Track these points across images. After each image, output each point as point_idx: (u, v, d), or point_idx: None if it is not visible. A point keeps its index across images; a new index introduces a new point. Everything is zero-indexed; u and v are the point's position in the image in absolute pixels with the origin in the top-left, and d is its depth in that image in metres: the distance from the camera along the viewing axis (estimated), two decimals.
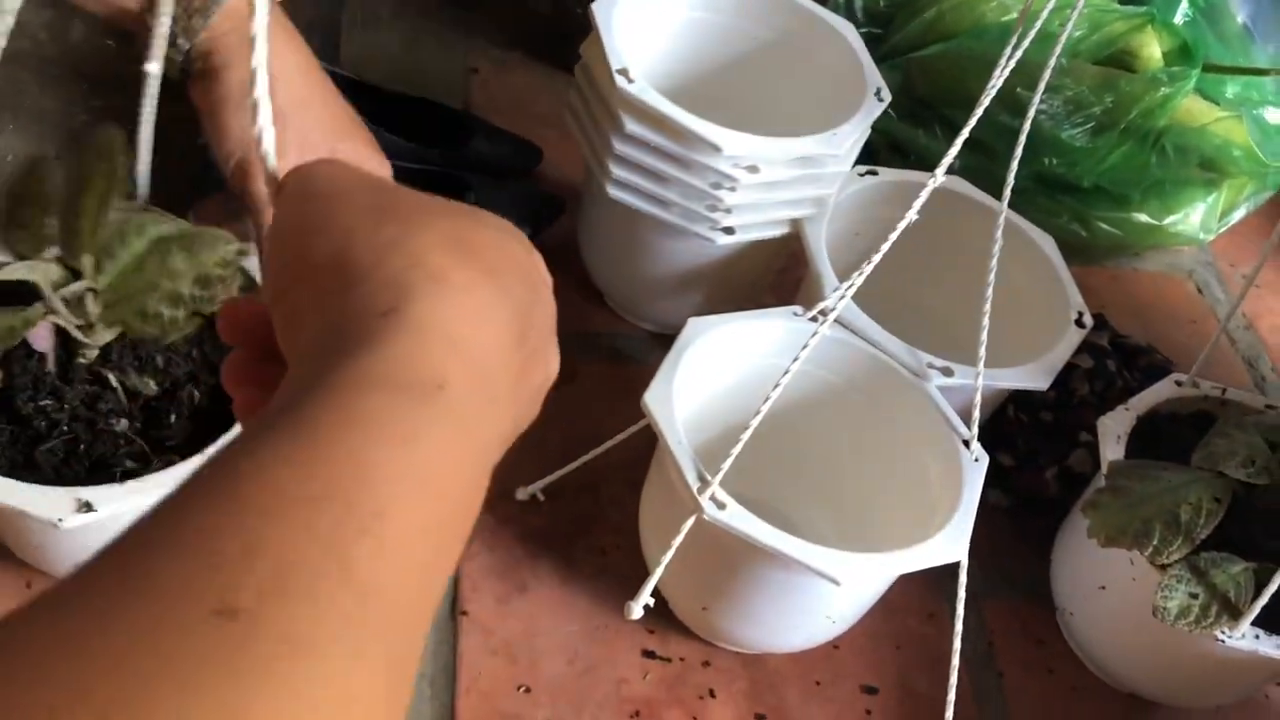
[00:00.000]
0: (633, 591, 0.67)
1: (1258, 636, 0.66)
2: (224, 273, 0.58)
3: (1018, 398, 0.84)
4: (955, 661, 0.68)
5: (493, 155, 0.94)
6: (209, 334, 0.63)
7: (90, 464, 0.59)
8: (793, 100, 0.85)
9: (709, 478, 0.62)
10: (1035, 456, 0.83)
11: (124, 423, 0.60)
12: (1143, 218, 1.04)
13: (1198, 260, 1.13)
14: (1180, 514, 0.67)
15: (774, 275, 0.90)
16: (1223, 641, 0.65)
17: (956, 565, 0.68)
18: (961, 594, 0.68)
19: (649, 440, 0.74)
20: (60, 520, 0.54)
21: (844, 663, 0.75)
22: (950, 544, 0.64)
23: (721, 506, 0.61)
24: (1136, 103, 1.00)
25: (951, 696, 0.68)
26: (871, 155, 0.88)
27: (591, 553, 0.76)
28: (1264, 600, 0.65)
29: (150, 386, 0.61)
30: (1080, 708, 0.76)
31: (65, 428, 0.58)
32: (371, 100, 0.92)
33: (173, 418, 0.61)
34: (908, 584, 0.77)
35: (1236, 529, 0.68)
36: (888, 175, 0.85)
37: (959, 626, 0.68)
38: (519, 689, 0.69)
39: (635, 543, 0.75)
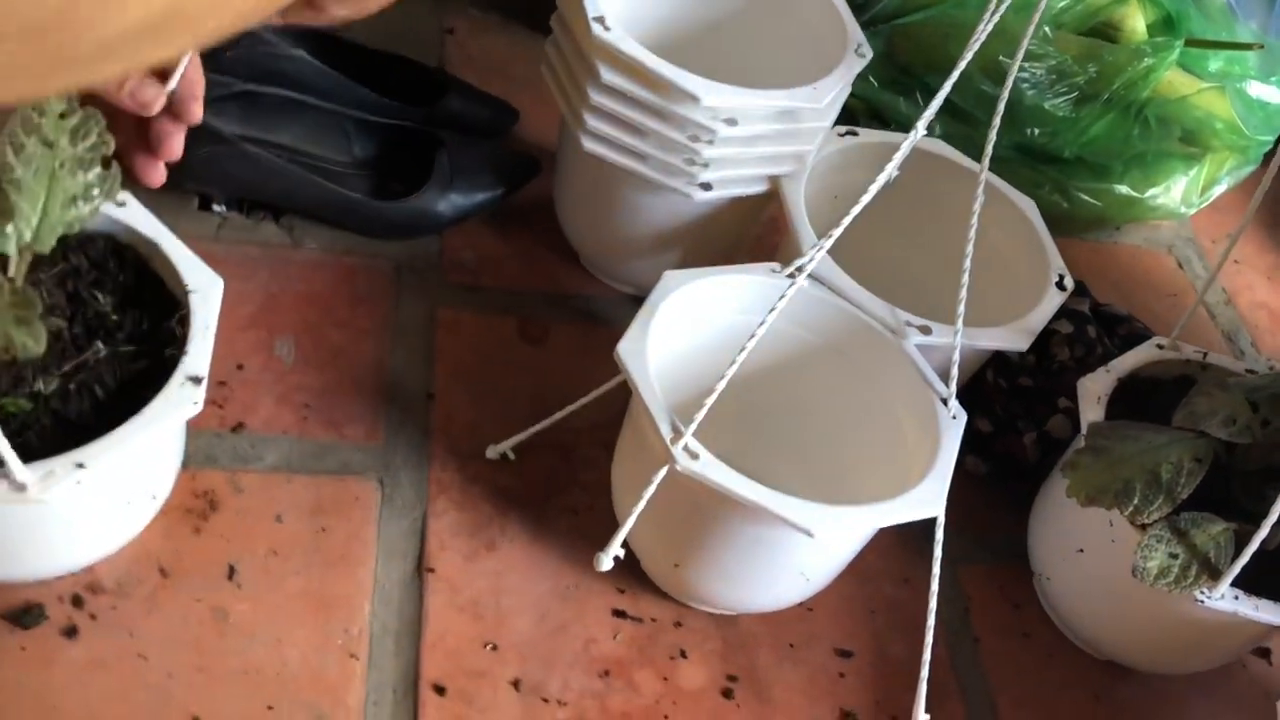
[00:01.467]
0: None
1: (1237, 597, 0.65)
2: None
3: (996, 363, 0.83)
4: (931, 622, 0.67)
5: (467, 114, 0.92)
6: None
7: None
8: (773, 56, 0.84)
9: (682, 428, 0.60)
10: (1014, 422, 0.82)
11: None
12: (1124, 190, 1.04)
13: (1178, 235, 1.12)
14: (1161, 473, 0.66)
15: (752, 240, 0.89)
16: (1202, 602, 0.64)
17: (931, 529, 0.67)
18: (938, 551, 0.66)
19: (622, 401, 0.73)
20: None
21: (818, 625, 0.73)
22: (928, 499, 0.63)
23: (695, 457, 0.60)
24: (1120, 74, 0.99)
25: (927, 657, 0.66)
26: (852, 121, 0.87)
27: (563, 512, 0.75)
28: (1244, 560, 0.64)
29: (22, 405, 0.57)
30: (1057, 674, 0.76)
31: None
32: (346, 56, 0.90)
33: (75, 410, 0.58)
34: (882, 548, 0.76)
35: (1217, 489, 0.67)
36: (868, 136, 0.84)
37: (935, 586, 0.67)
38: (486, 646, 0.67)
39: (608, 503, 0.74)
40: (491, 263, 0.89)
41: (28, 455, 0.52)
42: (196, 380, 0.57)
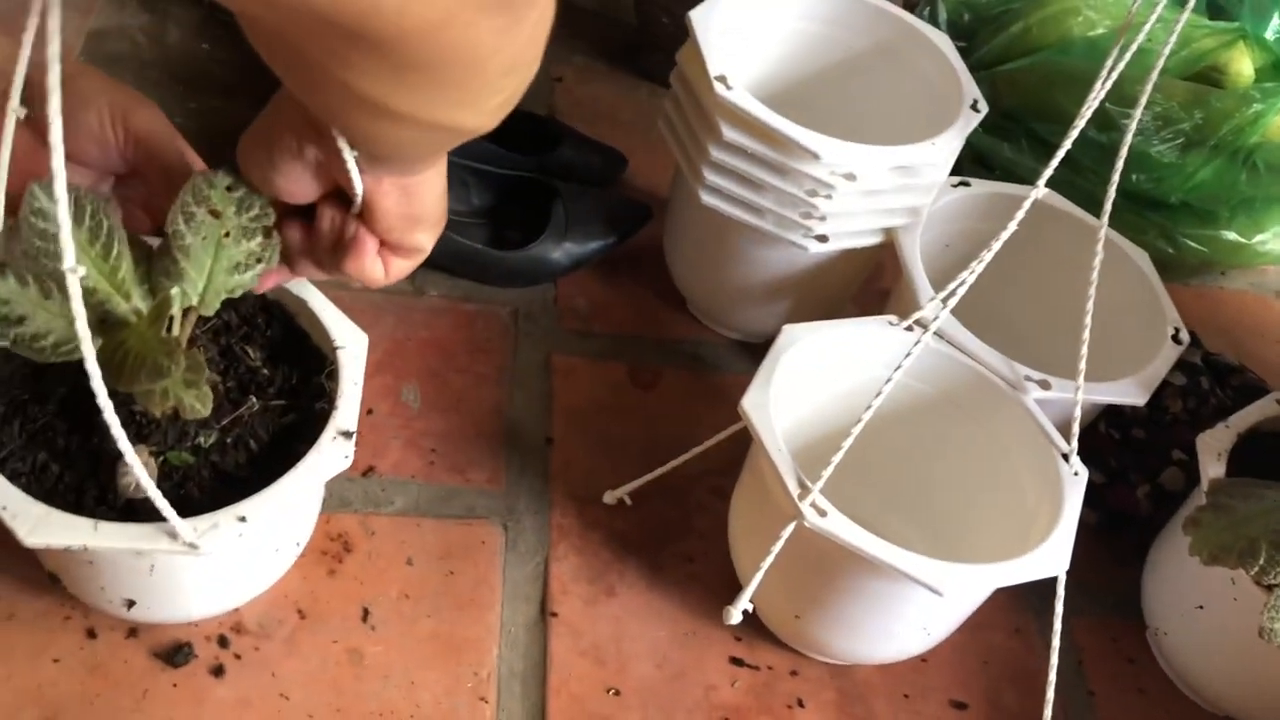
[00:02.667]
0: (720, 599, 0.66)
1: None
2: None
3: (1109, 414, 0.83)
4: (1052, 678, 0.67)
5: (579, 162, 0.94)
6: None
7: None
8: (888, 111, 0.85)
9: (809, 485, 0.61)
10: (1126, 473, 0.82)
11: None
12: (1231, 235, 1.03)
13: None
14: None
15: (859, 286, 0.90)
16: None
17: (1042, 580, 0.67)
18: (1059, 608, 0.67)
19: (734, 447, 0.75)
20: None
21: (932, 676, 0.74)
22: (1052, 557, 0.63)
23: (823, 514, 0.61)
24: (1227, 119, 0.99)
25: (1048, 712, 0.67)
26: (955, 168, 0.88)
27: (678, 559, 0.76)
28: None
29: (185, 458, 0.59)
30: None
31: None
32: None
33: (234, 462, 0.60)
34: (993, 599, 0.76)
35: None
36: (980, 187, 0.84)
37: (1056, 642, 0.67)
38: (608, 691, 0.69)
39: (721, 549, 0.75)
40: (603, 309, 0.91)
41: (188, 506, 0.55)
42: (347, 435, 0.59)
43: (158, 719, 0.62)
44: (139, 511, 0.56)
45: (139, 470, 0.51)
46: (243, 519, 0.55)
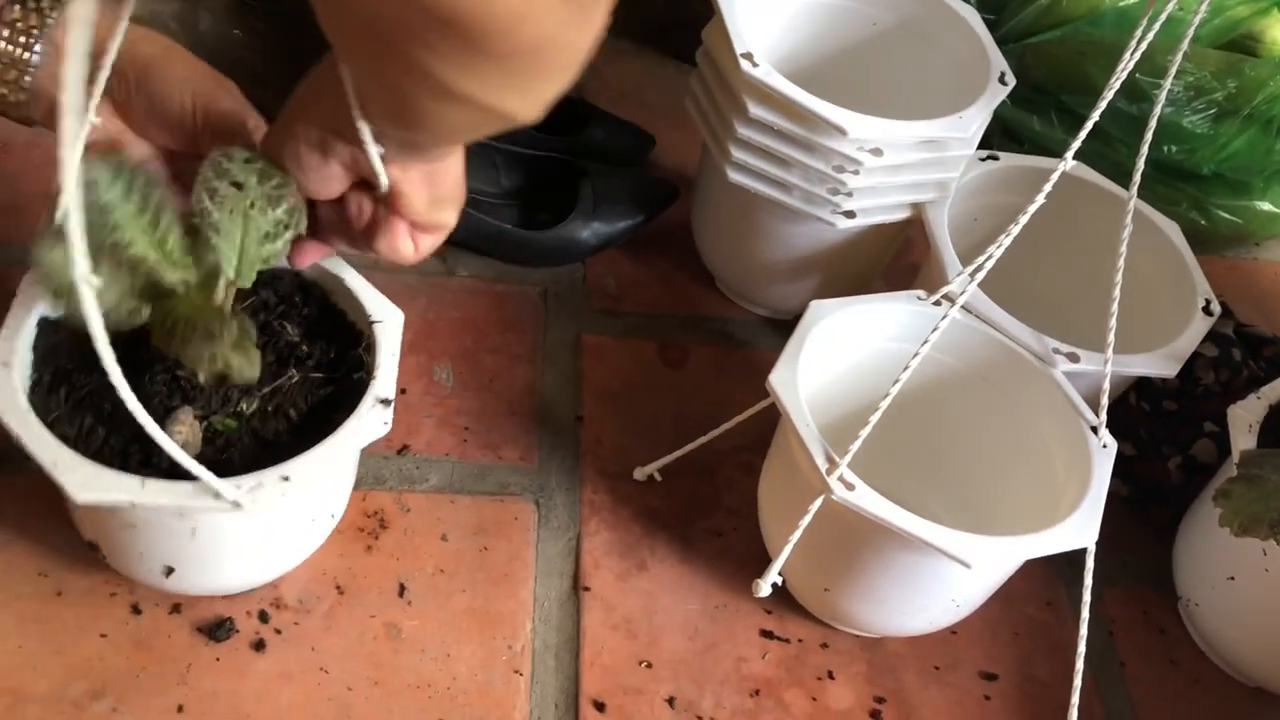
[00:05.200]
0: (750, 573, 0.67)
1: None
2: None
3: (1140, 386, 0.83)
4: (1081, 649, 0.67)
5: (608, 142, 0.95)
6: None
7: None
8: (915, 86, 0.85)
9: (837, 459, 0.62)
10: (1158, 445, 0.82)
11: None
12: (1265, 206, 1.02)
13: None
14: None
15: (888, 261, 0.90)
16: None
17: (1074, 552, 0.67)
18: (1088, 580, 0.67)
19: (763, 423, 0.75)
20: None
21: (962, 648, 0.74)
22: (1081, 529, 0.63)
23: (850, 488, 0.61)
24: (1261, 88, 0.98)
25: (1077, 684, 0.67)
26: (984, 142, 0.88)
27: (709, 533, 0.77)
28: None
29: (229, 424, 0.61)
30: (1205, 700, 0.75)
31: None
32: None
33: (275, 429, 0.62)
34: (1025, 570, 0.76)
35: None
36: (1009, 160, 0.84)
37: (1085, 614, 0.67)
38: (641, 664, 0.70)
39: (751, 524, 0.76)
40: (632, 287, 0.91)
41: (230, 470, 0.56)
42: (386, 402, 0.61)
43: (202, 692, 0.63)
44: (183, 475, 0.57)
45: (162, 440, 0.52)
46: (286, 479, 0.56)
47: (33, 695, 0.62)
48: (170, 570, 0.62)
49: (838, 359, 0.72)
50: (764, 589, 0.63)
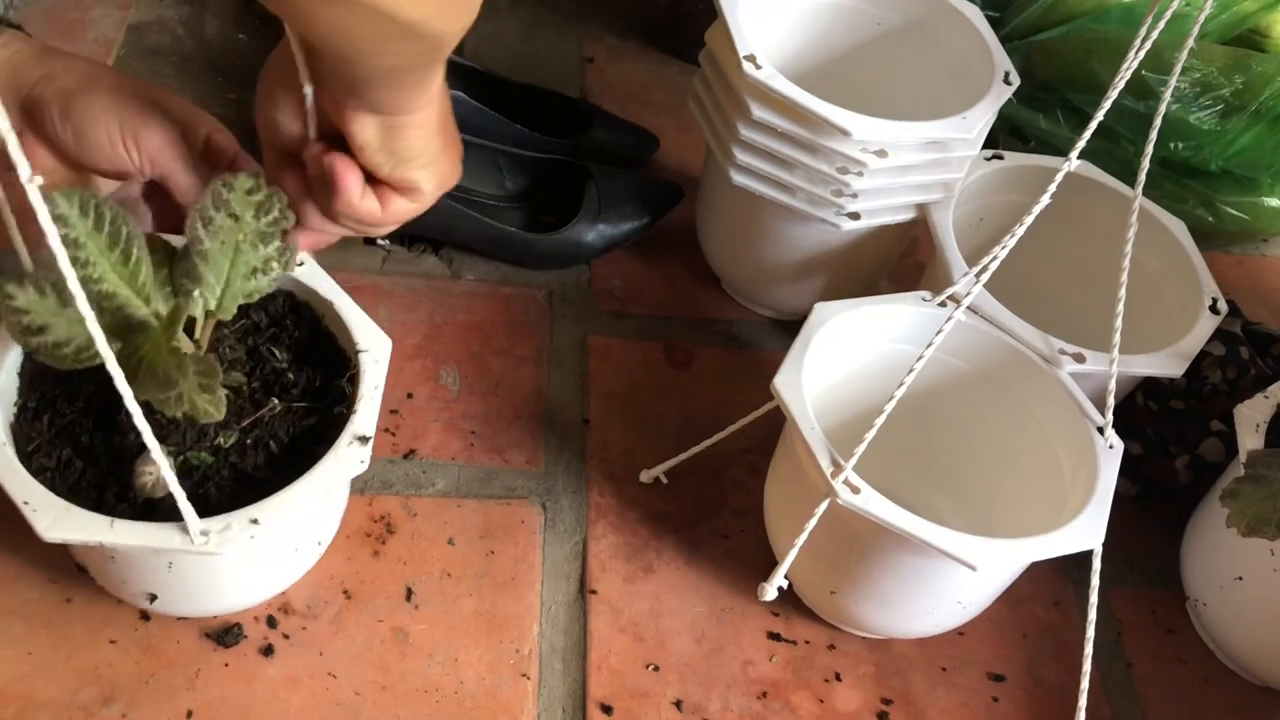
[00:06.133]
0: (757, 575, 0.67)
1: None
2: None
3: (1147, 385, 0.83)
4: (1088, 650, 0.67)
5: (612, 143, 0.95)
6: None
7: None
8: (919, 86, 0.85)
9: (842, 462, 0.62)
10: (1165, 445, 0.82)
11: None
12: (1272, 202, 1.02)
13: None
14: None
15: (894, 262, 0.90)
16: None
17: (1082, 553, 0.67)
18: (1095, 581, 0.67)
19: (769, 425, 0.75)
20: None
21: (970, 649, 0.74)
22: (1087, 531, 0.63)
23: (856, 491, 0.61)
24: (1268, 84, 0.97)
25: (1085, 685, 0.67)
26: (990, 138, 0.87)
27: (715, 536, 0.77)
28: None
29: (205, 458, 0.60)
30: (1213, 699, 0.75)
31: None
32: (495, 91, 0.94)
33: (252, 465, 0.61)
34: (1032, 572, 0.76)
35: None
36: (1013, 160, 0.84)
37: (1093, 615, 0.67)
38: (648, 667, 0.70)
39: (757, 526, 0.76)
40: (637, 289, 0.91)
41: (207, 507, 0.56)
42: (364, 440, 0.59)
43: (210, 697, 0.64)
44: (157, 510, 0.57)
45: (164, 467, 0.52)
46: (255, 521, 0.55)
47: (42, 700, 0.62)
48: (153, 597, 0.62)
49: (843, 361, 0.72)
50: (770, 593, 0.63)
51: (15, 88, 0.55)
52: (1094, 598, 0.67)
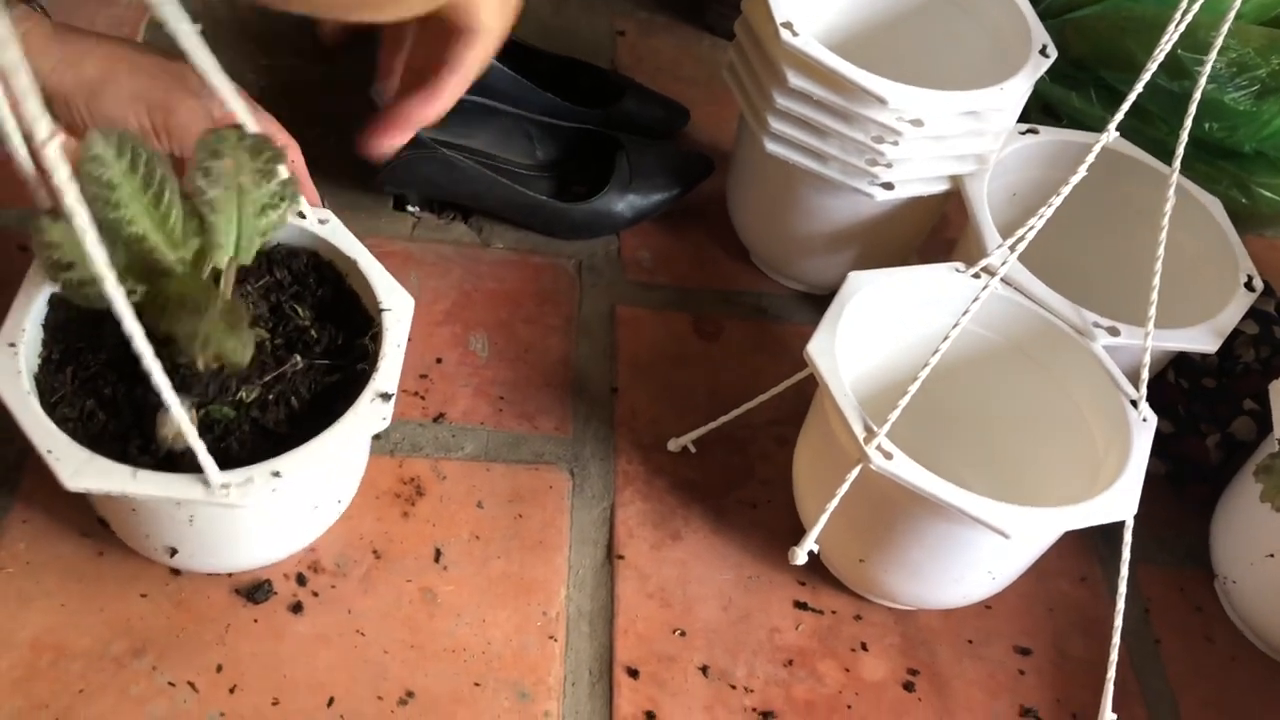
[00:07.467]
0: (784, 544, 0.67)
1: None
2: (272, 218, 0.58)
3: (1179, 363, 0.82)
4: (1118, 623, 0.67)
5: (643, 115, 0.95)
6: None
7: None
8: (955, 58, 0.84)
9: (875, 428, 0.62)
10: (1196, 423, 0.81)
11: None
12: None
13: None
14: None
15: (924, 237, 0.90)
16: None
17: (1110, 528, 0.67)
18: (1126, 554, 0.67)
19: (797, 397, 0.75)
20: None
21: (996, 623, 0.74)
22: (1120, 502, 0.63)
23: (889, 457, 0.61)
24: None
25: (1114, 658, 0.67)
26: (1022, 118, 0.87)
27: (742, 505, 0.77)
28: None
29: (226, 412, 0.60)
30: (1241, 678, 0.75)
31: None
32: (528, 61, 0.94)
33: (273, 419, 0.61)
34: (1060, 546, 0.76)
35: None
36: (1049, 135, 0.83)
37: (1123, 588, 0.67)
38: (674, 632, 0.70)
39: (785, 496, 0.76)
40: (666, 260, 0.91)
41: (228, 460, 0.56)
42: (386, 397, 0.59)
43: (240, 652, 0.64)
44: (179, 463, 0.56)
45: (180, 417, 0.52)
46: (277, 474, 0.55)
47: (75, 651, 0.62)
48: (174, 551, 0.62)
49: (876, 330, 0.72)
50: (800, 557, 0.63)
51: (30, 71, 0.56)
52: (1125, 570, 0.67)
